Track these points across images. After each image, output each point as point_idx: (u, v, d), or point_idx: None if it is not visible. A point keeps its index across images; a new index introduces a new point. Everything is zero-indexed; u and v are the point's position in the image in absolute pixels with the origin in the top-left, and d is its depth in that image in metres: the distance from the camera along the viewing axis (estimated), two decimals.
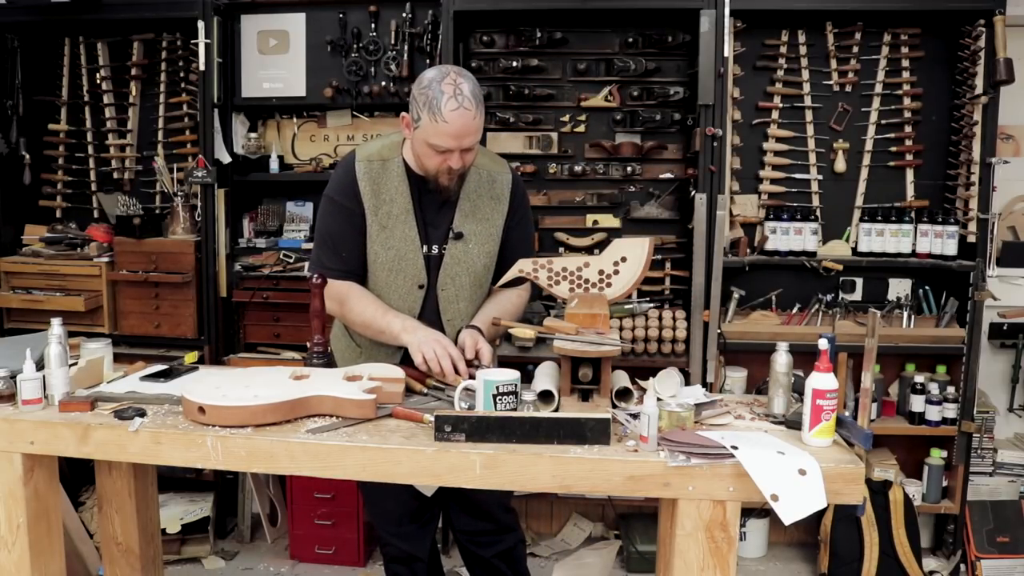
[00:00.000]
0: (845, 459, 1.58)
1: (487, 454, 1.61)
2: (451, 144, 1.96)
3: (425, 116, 1.95)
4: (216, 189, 3.33)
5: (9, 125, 3.53)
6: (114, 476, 2.15)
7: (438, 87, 1.93)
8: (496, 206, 2.19)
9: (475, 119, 1.96)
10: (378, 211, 2.12)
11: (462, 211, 2.15)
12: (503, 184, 2.20)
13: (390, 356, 2.16)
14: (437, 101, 1.92)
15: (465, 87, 1.94)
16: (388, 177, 2.13)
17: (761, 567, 3.34)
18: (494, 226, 2.19)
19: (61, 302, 3.30)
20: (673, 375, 1.88)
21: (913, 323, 3.27)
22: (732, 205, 3.29)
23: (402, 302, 2.15)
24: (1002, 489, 3.31)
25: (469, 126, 1.95)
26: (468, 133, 1.96)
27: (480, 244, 2.16)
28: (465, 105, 1.93)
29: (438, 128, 1.94)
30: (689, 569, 1.61)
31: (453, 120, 1.92)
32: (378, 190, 2.12)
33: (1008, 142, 3.42)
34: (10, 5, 3.41)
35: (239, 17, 3.43)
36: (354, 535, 3.28)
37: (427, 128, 1.96)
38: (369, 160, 2.14)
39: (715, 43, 3.02)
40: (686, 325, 3.17)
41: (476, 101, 1.96)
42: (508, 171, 2.23)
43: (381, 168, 2.13)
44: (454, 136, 1.94)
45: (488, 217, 2.18)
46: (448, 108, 1.92)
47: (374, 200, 2.12)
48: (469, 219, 2.16)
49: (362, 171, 2.13)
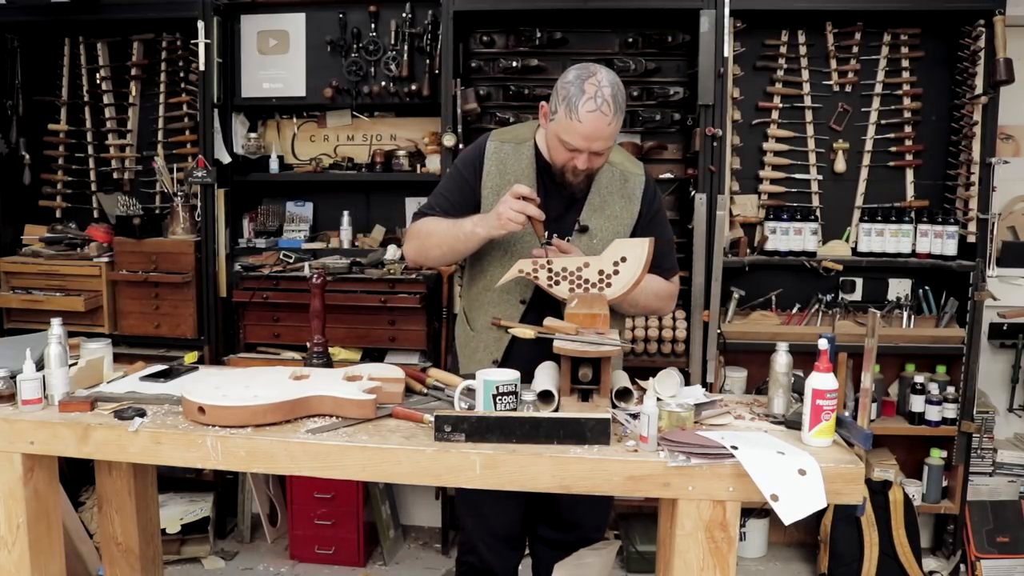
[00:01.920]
0: (845, 459, 1.58)
1: (487, 454, 1.61)
2: (581, 144, 1.95)
3: (562, 111, 1.94)
4: (216, 189, 3.33)
5: (9, 125, 3.53)
6: (114, 476, 2.14)
7: (580, 85, 1.92)
8: (627, 205, 2.14)
9: (610, 124, 1.93)
10: (501, 190, 2.07)
11: (591, 205, 2.12)
12: (636, 184, 2.15)
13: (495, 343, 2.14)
14: (576, 99, 1.91)
15: (607, 91, 1.92)
16: (518, 159, 2.13)
17: (761, 567, 3.34)
18: (622, 225, 2.14)
19: (61, 302, 3.30)
20: (673, 375, 1.88)
21: (913, 323, 3.27)
22: (732, 205, 3.29)
23: (514, 283, 2.08)
24: (1002, 489, 3.31)
25: (603, 130, 1.93)
26: (600, 137, 1.94)
27: (605, 241, 2.08)
28: (603, 109, 1.91)
29: (571, 126, 1.93)
30: (689, 569, 1.61)
31: (588, 121, 1.91)
32: (504, 170, 2.12)
33: (1008, 142, 3.42)
34: (10, 5, 3.41)
35: (239, 17, 3.43)
36: (354, 535, 3.28)
37: (562, 123, 1.95)
38: (502, 140, 2.15)
39: (715, 43, 3.02)
40: (686, 325, 3.17)
41: (615, 106, 1.93)
42: (643, 172, 2.19)
43: (513, 150, 2.13)
44: (585, 137, 1.93)
45: (617, 215, 2.13)
46: (585, 108, 1.90)
47: (498, 179, 2.11)
48: (597, 214, 2.12)
49: (492, 150, 2.13)
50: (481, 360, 2.16)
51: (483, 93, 3.34)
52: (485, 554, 2.30)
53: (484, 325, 2.16)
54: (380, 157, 3.46)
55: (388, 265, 3.27)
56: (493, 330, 2.11)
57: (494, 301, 2.15)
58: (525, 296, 2.12)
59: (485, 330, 2.16)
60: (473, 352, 2.20)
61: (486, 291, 2.16)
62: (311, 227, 3.63)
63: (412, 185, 3.50)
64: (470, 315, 2.24)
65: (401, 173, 3.43)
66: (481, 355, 2.18)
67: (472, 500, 2.27)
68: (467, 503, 2.33)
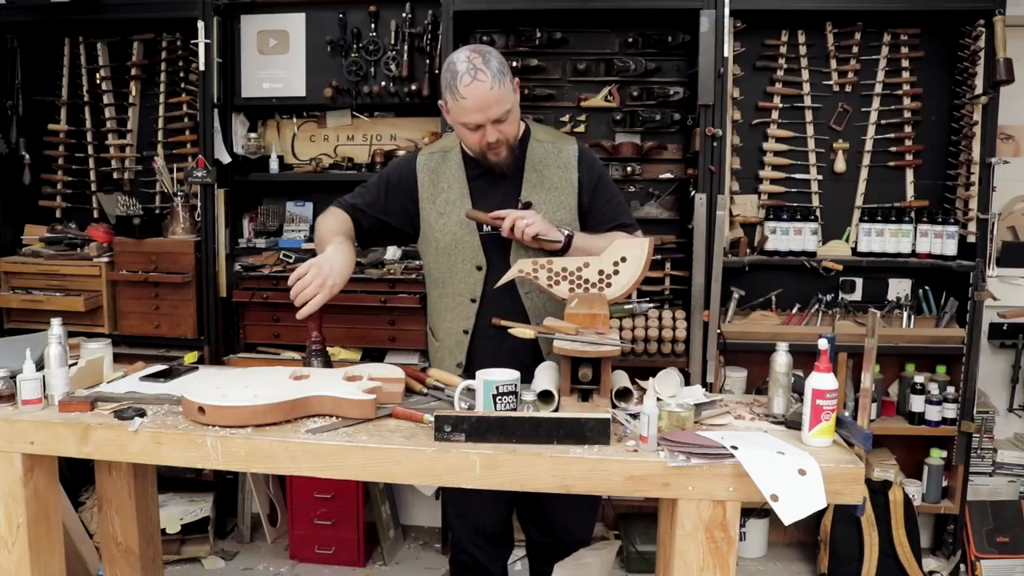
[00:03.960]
0: (845, 459, 1.58)
1: (487, 454, 1.61)
2: (477, 118, 1.97)
3: (449, 98, 1.99)
4: (216, 189, 3.33)
5: (9, 125, 3.53)
6: (114, 476, 2.15)
7: (455, 67, 1.95)
8: (563, 174, 2.16)
9: (492, 88, 1.94)
10: (436, 199, 2.16)
11: (528, 182, 2.14)
12: (569, 153, 2.18)
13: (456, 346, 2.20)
14: (453, 80, 1.95)
15: (477, 60, 1.94)
16: (447, 166, 2.17)
17: (761, 567, 3.34)
18: (564, 194, 2.16)
19: (61, 302, 3.30)
20: (673, 375, 1.88)
21: (913, 323, 3.27)
22: (732, 205, 3.29)
23: (463, 284, 2.16)
24: (1002, 489, 3.31)
25: (487, 97, 1.94)
26: (489, 104, 1.95)
27: (551, 213, 2.11)
28: (479, 77, 1.93)
29: (460, 105, 1.96)
30: (689, 569, 1.61)
31: (470, 94, 1.94)
32: (436, 179, 2.17)
33: (1008, 142, 3.42)
34: (10, 5, 3.41)
35: (239, 17, 3.43)
36: (354, 535, 3.28)
37: (454, 109, 2.00)
38: (431, 153, 2.21)
39: (715, 43, 3.02)
40: (686, 325, 3.17)
41: (492, 72, 1.94)
42: (574, 143, 2.21)
43: (441, 159, 2.18)
44: (476, 109, 1.95)
45: (556, 186, 2.15)
46: (463, 84, 1.94)
47: (432, 190, 2.16)
48: (537, 188, 2.14)
49: (422, 163, 2.19)
50: (448, 366, 2.20)
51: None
52: (475, 552, 2.33)
53: (446, 332, 2.23)
54: (380, 157, 3.46)
55: (388, 265, 3.27)
56: (454, 334, 2.20)
57: (448, 306, 2.21)
58: (475, 295, 2.16)
59: (446, 336, 2.23)
60: (441, 361, 2.25)
61: (441, 299, 2.23)
62: (311, 227, 3.63)
63: None
64: (433, 326, 2.31)
65: None
66: (448, 361, 2.22)
67: (457, 501, 2.31)
68: (453, 504, 2.37)
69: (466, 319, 2.17)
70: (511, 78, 2.02)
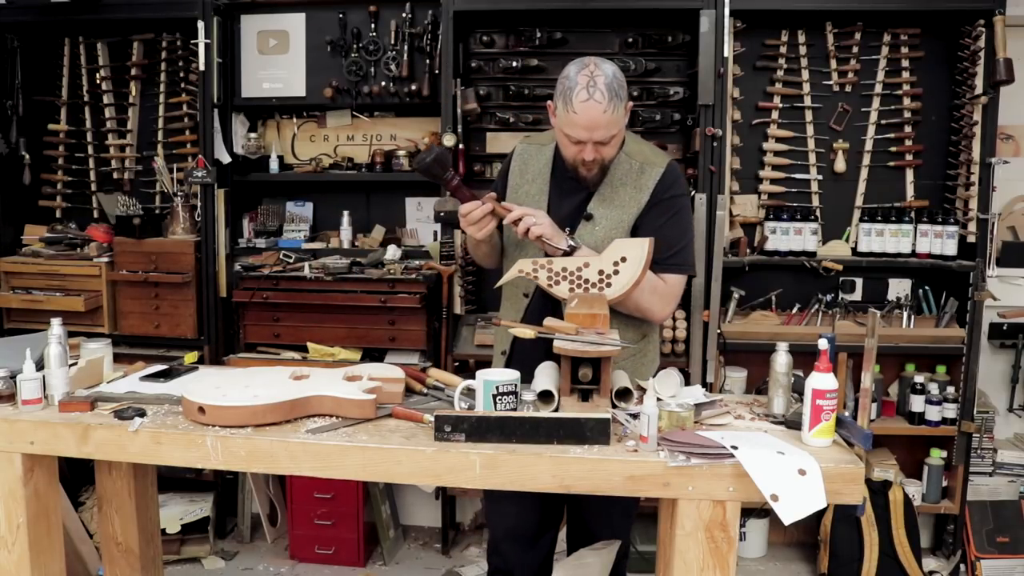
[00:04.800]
0: (845, 459, 1.58)
1: (487, 454, 1.61)
2: (582, 135, 1.97)
3: (560, 105, 1.99)
4: (216, 189, 3.33)
5: (9, 125, 3.53)
6: (114, 476, 2.15)
7: (574, 77, 1.95)
8: (635, 195, 2.11)
9: (605, 112, 1.93)
10: (519, 189, 2.19)
11: (600, 196, 2.12)
12: (651, 175, 2.11)
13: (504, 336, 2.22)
14: (570, 91, 1.94)
15: (600, 80, 1.93)
16: (539, 159, 2.20)
17: (761, 567, 3.34)
18: (627, 214, 2.11)
19: (61, 302, 3.30)
20: (673, 375, 1.88)
21: (913, 323, 3.27)
22: (732, 205, 3.29)
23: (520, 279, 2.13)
24: (1002, 489, 3.31)
25: (598, 119, 1.94)
26: (598, 126, 1.95)
27: (608, 229, 2.09)
28: (596, 98, 1.92)
29: (569, 118, 1.96)
30: (689, 569, 1.61)
31: (582, 112, 1.93)
32: (525, 170, 2.21)
33: (1008, 142, 3.42)
34: (10, 5, 3.41)
35: (239, 17, 3.43)
36: (354, 535, 3.28)
37: (562, 117, 1.99)
38: (530, 143, 2.26)
39: (715, 43, 3.02)
40: (686, 325, 3.17)
41: (610, 94, 1.92)
42: (664, 164, 2.14)
43: (537, 151, 2.22)
44: (584, 128, 1.95)
45: (623, 205, 2.12)
46: (579, 99, 1.93)
47: (519, 179, 2.21)
48: (604, 204, 2.12)
49: (519, 151, 2.25)
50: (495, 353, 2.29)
51: (483, 93, 3.35)
52: (506, 553, 2.33)
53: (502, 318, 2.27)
54: (380, 157, 3.46)
55: (388, 265, 3.26)
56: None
57: (506, 295, 2.27)
58: (528, 290, 2.18)
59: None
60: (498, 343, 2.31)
61: (505, 287, 2.24)
62: (311, 227, 3.63)
63: (412, 185, 3.50)
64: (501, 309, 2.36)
65: (401, 173, 3.43)
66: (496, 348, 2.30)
67: (495, 496, 2.31)
68: (491, 500, 2.39)
69: (517, 311, 2.19)
70: (626, 102, 2.00)
